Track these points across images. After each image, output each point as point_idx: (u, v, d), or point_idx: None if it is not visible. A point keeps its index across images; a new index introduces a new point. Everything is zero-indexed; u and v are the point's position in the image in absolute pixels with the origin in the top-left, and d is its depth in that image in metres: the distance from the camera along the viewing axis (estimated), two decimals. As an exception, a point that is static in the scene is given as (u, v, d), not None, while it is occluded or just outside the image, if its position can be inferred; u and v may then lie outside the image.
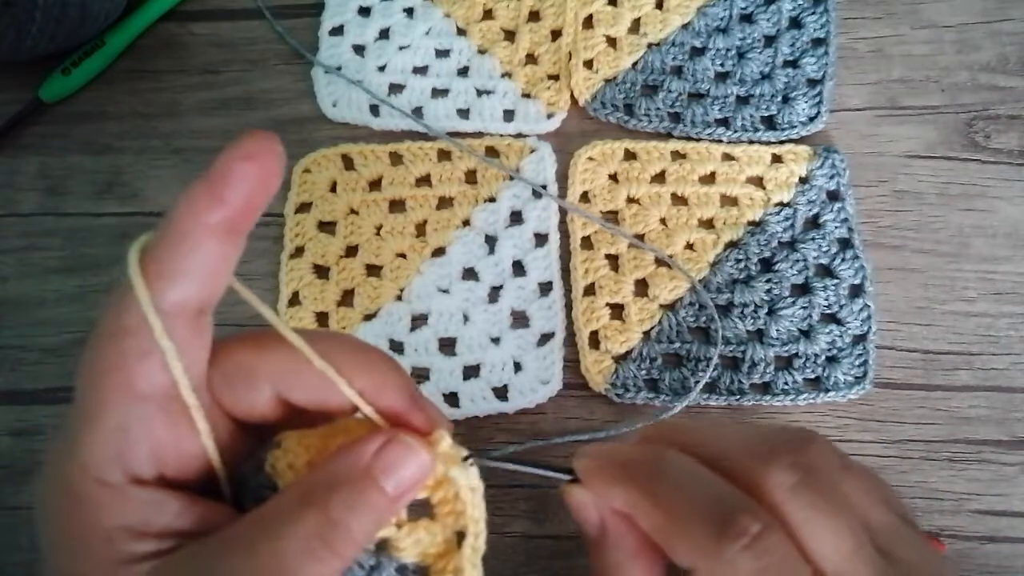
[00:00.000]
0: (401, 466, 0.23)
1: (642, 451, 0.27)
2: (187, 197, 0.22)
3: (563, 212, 0.48)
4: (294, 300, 0.46)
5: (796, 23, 0.52)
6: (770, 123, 0.50)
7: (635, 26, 0.52)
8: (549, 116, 0.50)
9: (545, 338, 0.45)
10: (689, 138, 0.50)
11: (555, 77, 0.51)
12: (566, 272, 0.47)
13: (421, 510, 0.25)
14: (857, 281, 0.46)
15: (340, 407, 0.24)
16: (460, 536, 0.25)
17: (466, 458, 0.25)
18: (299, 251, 0.47)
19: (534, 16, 0.53)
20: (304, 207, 0.48)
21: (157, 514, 0.22)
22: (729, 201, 0.48)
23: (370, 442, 0.23)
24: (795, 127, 0.49)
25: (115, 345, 0.22)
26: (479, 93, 0.51)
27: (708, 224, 0.48)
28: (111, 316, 0.22)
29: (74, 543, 0.22)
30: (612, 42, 0.52)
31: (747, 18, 0.52)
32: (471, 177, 0.49)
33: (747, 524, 0.23)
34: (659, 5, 0.53)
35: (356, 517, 0.22)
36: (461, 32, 0.52)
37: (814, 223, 0.48)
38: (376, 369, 0.24)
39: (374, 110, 0.50)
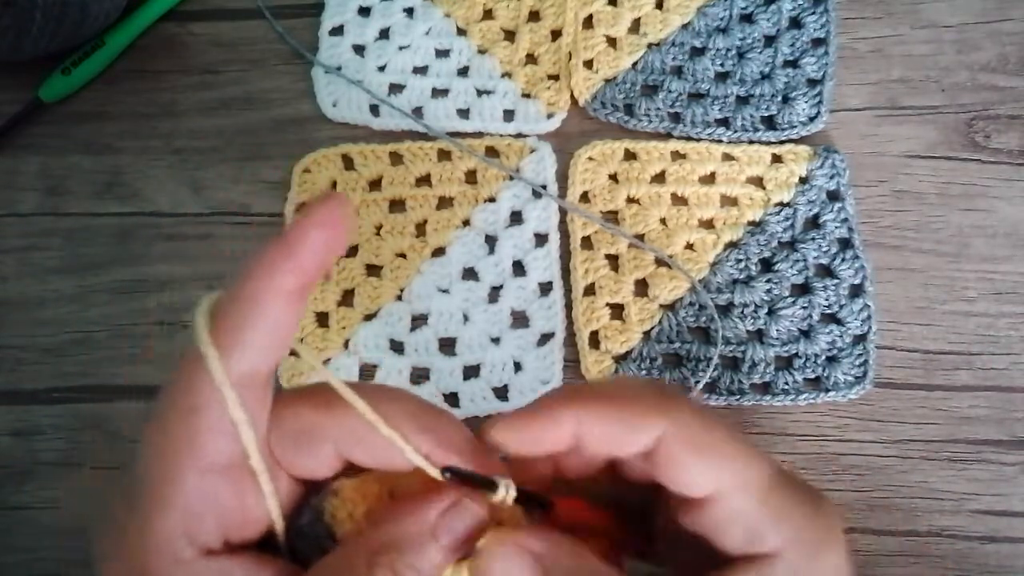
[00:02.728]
0: (462, 528, 0.23)
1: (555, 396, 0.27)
2: (261, 262, 0.22)
3: (563, 212, 0.48)
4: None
5: (796, 23, 0.52)
6: (770, 123, 0.50)
7: (635, 26, 0.52)
8: (549, 116, 0.50)
9: (545, 338, 0.45)
10: (689, 138, 0.50)
11: (555, 77, 0.51)
12: (566, 272, 0.47)
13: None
14: (857, 281, 0.46)
15: (403, 466, 0.24)
16: None
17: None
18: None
19: (534, 16, 0.53)
20: (304, 207, 0.48)
21: None
22: (729, 201, 0.48)
23: (435, 504, 0.23)
24: (795, 127, 0.49)
25: (185, 422, 0.22)
26: (479, 93, 0.51)
27: (708, 224, 0.48)
28: (181, 390, 0.22)
29: None
30: (612, 42, 0.52)
31: (747, 18, 0.52)
32: (471, 177, 0.49)
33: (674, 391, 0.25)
34: (659, 5, 0.53)
35: (419, 574, 0.23)
36: (461, 32, 0.52)
37: (814, 223, 0.48)
38: (440, 430, 0.25)
39: (374, 110, 0.50)
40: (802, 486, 0.25)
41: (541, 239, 0.47)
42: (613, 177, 0.49)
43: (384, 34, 0.53)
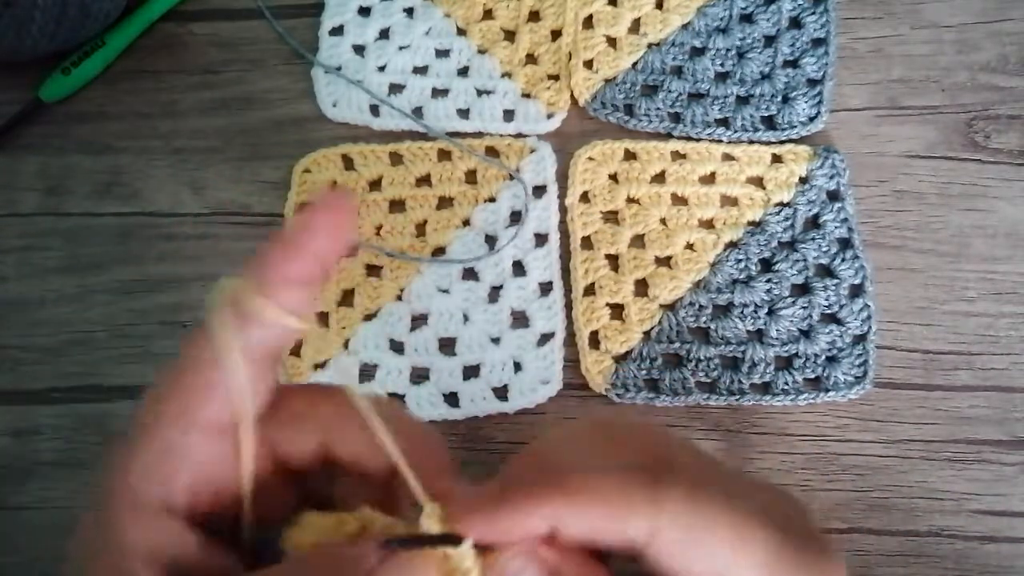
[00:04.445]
0: None
1: (535, 470, 0.26)
2: (273, 249, 0.23)
3: (563, 212, 0.48)
4: (294, 300, 0.46)
5: (796, 23, 0.52)
6: (770, 123, 0.50)
7: (635, 26, 0.52)
8: (549, 116, 0.50)
9: (545, 338, 0.45)
10: (689, 138, 0.50)
11: (555, 77, 0.51)
12: (566, 272, 0.47)
13: None
14: (857, 281, 0.46)
15: (377, 470, 0.24)
16: None
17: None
18: (299, 251, 0.47)
19: (534, 16, 0.53)
20: (304, 207, 0.48)
21: (175, 547, 0.23)
22: (729, 201, 0.48)
23: (370, 554, 0.22)
24: (795, 127, 0.49)
25: (183, 375, 0.23)
26: (479, 93, 0.51)
27: (708, 224, 0.48)
28: (191, 345, 0.23)
29: (93, 558, 0.23)
30: (612, 42, 0.52)
31: (747, 18, 0.52)
32: (471, 177, 0.49)
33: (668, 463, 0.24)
34: (659, 5, 0.53)
35: None
36: (461, 32, 0.52)
37: (814, 223, 0.48)
38: (425, 451, 0.24)
39: (374, 110, 0.50)
40: (808, 541, 0.24)
41: (541, 239, 0.47)
42: (613, 177, 0.49)
43: (384, 34, 0.53)
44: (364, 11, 0.53)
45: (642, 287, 0.46)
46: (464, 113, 0.50)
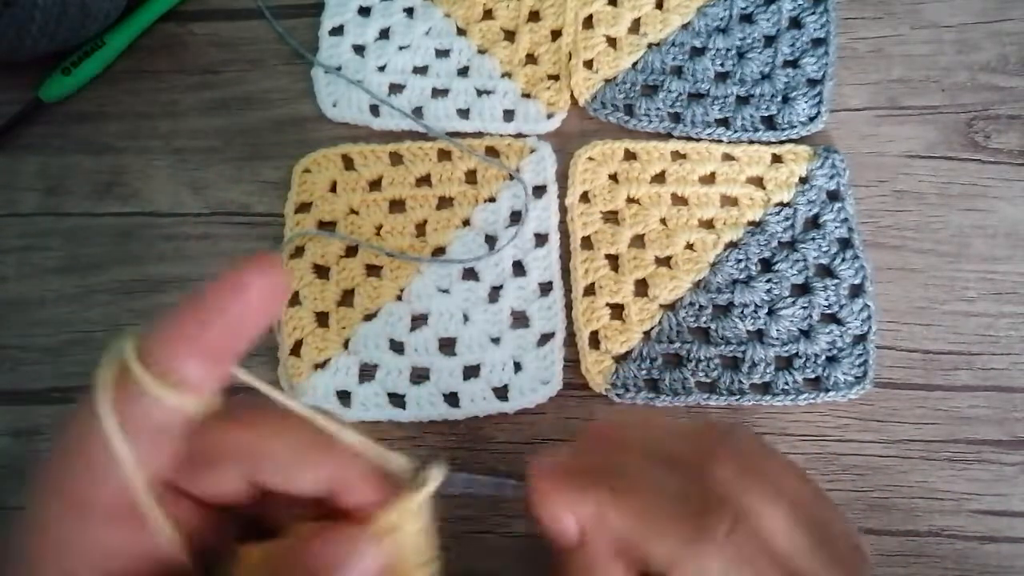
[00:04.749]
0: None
1: (601, 457, 0.27)
2: (185, 308, 0.21)
3: (563, 212, 0.48)
4: (294, 300, 0.46)
5: (796, 23, 0.52)
6: (770, 123, 0.50)
7: (635, 26, 0.52)
8: (549, 116, 0.50)
9: (545, 338, 0.45)
10: (689, 138, 0.50)
11: (555, 77, 0.51)
12: (566, 272, 0.47)
13: None
14: (857, 281, 0.46)
15: (309, 489, 0.23)
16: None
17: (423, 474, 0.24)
18: (299, 251, 0.47)
19: (534, 16, 0.53)
20: (304, 207, 0.48)
21: None
22: (729, 201, 0.48)
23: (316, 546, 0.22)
24: (795, 127, 0.49)
25: (70, 458, 0.21)
26: (479, 93, 0.51)
27: (708, 224, 0.48)
28: (75, 423, 0.21)
29: None
30: (612, 42, 0.52)
31: (747, 18, 0.52)
32: (471, 177, 0.49)
33: (719, 521, 0.24)
34: (659, 5, 0.53)
35: None
36: (461, 32, 0.52)
37: (814, 223, 0.48)
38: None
39: (374, 110, 0.50)
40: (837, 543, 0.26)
41: (541, 239, 0.47)
42: (613, 177, 0.49)
43: (384, 34, 0.53)
44: (364, 11, 0.53)
45: (642, 287, 0.46)
46: (464, 113, 0.50)
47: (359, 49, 0.52)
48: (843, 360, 0.44)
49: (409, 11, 0.53)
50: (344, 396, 0.44)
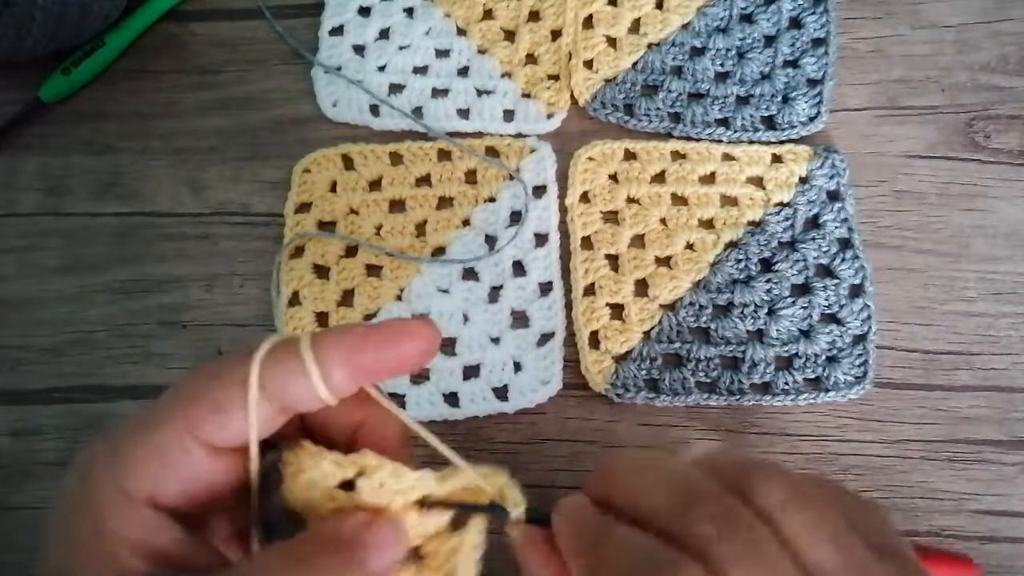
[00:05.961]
0: (389, 544, 0.24)
1: (592, 520, 0.27)
2: (371, 330, 0.25)
3: (563, 212, 0.48)
4: (294, 300, 0.46)
5: (796, 23, 0.52)
6: (770, 123, 0.50)
7: (635, 26, 0.52)
8: (549, 116, 0.50)
9: (545, 338, 0.45)
10: (689, 138, 0.50)
11: (555, 77, 0.51)
12: (566, 272, 0.47)
13: (410, 557, 0.26)
14: (857, 281, 0.46)
15: (340, 436, 0.26)
16: None
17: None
18: (299, 251, 0.47)
19: (534, 16, 0.53)
20: (304, 207, 0.48)
21: (160, 538, 0.23)
22: (729, 201, 0.48)
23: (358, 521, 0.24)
24: (795, 127, 0.49)
25: (208, 388, 0.24)
26: (479, 93, 0.51)
27: (708, 224, 0.48)
28: (229, 361, 0.24)
29: (77, 540, 0.23)
30: (612, 42, 0.52)
31: (747, 18, 0.52)
32: (471, 177, 0.49)
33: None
34: (659, 5, 0.53)
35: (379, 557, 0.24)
36: (461, 32, 0.52)
37: (814, 223, 0.48)
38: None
39: (374, 110, 0.50)
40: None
41: (541, 239, 0.47)
42: (613, 177, 0.49)
43: (384, 34, 0.53)
44: (364, 11, 0.53)
45: (642, 287, 0.46)
46: (464, 113, 0.50)
47: (359, 49, 0.52)
48: (843, 360, 0.44)
49: (409, 11, 0.53)
50: (344, 396, 0.44)
